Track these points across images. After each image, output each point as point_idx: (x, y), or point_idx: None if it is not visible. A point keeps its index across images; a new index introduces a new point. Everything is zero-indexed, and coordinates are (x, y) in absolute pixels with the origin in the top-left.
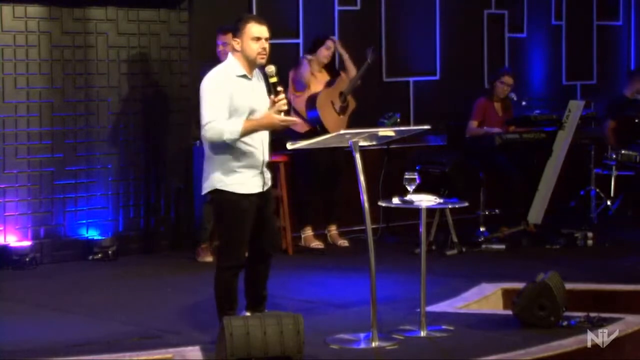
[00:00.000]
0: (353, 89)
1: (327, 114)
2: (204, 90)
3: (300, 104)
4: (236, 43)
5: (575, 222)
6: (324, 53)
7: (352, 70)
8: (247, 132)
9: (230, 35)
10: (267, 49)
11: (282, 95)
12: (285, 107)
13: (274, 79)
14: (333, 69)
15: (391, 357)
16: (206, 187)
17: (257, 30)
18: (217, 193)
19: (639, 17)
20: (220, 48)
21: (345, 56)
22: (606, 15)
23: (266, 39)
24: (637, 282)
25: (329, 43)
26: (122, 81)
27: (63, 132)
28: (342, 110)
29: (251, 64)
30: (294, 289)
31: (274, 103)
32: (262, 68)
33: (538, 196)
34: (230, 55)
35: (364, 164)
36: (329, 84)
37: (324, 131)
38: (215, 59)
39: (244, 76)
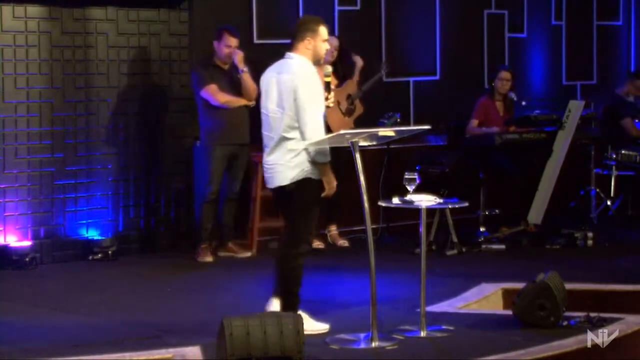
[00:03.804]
0: (360, 96)
1: (332, 113)
2: (308, 88)
3: None
4: (308, 43)
5: (575, 222)
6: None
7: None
8: (325, 168)
9: (237, 40)
10: None
11: (332, 94)
12: (332, 104)
13: (328, 79)
14: (339, 70)
15: (391, 357)
16: (294, 177)
17: (326, 32)
18: (306, 181)
19: (639, 17)
20: (226, 51)
21: None
22: (606, 15)
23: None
24: (637, 282)
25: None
26: (122, 81)
27: (63, 132)
28: (348, 112)
29: (316, 62)
30: None
31: (326, 99)
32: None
33: (538, 196)
34: (298, 55)
35: (364, 164)
36: (337, 86)
37: (327, 130)
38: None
39: None
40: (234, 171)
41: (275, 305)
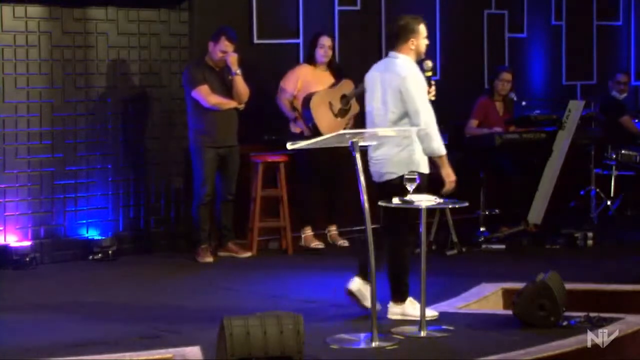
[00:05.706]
0: (358, 95)
1: (322, 115)
2: (417, 87)
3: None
4: (412, 43)
5: (575, 222)
6: (319, 52)
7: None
8: (442, 160)
9: (233, 46)
10: None
11: (433, 87)
12: (434, 98)
13: (429, 73)
14: (338, 68)
15: (391, 357)
16: (401, 171)
17: (425, 30)
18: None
19: (639, 17)
20: (220, 55)
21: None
22: (606, 15)
23: None
24: (637, 282)
25: (322, 41)
26: (122, 81)
27: (63, 132)
28: (341, 113)
29: (417, 59)
30: (294, 289)
31: (428, 93)
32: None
33: (538, 196)
34: (402, 55)
35: (364, 164)
36: (332, 85)
37: (316, 131)
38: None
39: None
40: (227, 173)
41: (356, 282)
